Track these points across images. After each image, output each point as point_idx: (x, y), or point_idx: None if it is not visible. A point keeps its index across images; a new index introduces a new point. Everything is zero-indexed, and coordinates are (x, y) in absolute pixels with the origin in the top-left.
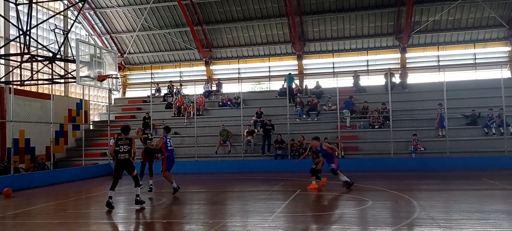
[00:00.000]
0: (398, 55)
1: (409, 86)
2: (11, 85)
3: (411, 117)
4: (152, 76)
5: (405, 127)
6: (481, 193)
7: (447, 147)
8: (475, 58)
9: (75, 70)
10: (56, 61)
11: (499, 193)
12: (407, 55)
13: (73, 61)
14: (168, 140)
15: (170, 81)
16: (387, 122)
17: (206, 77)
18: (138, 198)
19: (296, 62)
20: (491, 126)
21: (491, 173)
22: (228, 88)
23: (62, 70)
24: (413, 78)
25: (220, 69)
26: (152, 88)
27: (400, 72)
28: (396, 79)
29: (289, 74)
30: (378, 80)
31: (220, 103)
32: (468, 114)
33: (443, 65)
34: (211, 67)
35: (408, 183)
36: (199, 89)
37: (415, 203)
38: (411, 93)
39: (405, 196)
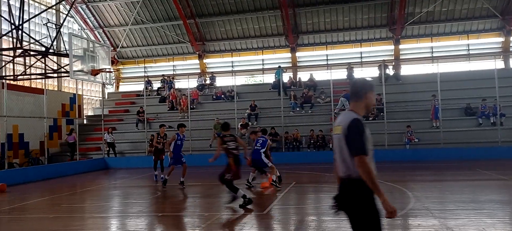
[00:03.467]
0: (392, 47)
1: (403, 78)
2: (4, 80)
3: (405, 108)
4: (146, 70)
5: (399, 118)
6: (476, 183)
7: (441, 138)
8: (468, 49)
9: (68, 64)
10: (49, 56)
11: (493, 183)
12: (400, 46)
13: (66, 55)
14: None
15: (163, 75)
16: (381, 113)
17: (199, 71)
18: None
19: (289, 55)
20: (485, 116)
21: (485, 164)
22: (221, 81)
23: (55, 65)
24: (406, 70)
25: (214, 62)
26: (145, 82)
27: (393, 63)
28: (390, 71)
29: (279, 67)
30: (372, 72)
31: (213, 96)
32: (462, 107)
33: (437, 57)
34: (204, 61)
35: (402, 174)
36: (193, 83)
37: (410, 194)
38: (405, 85)
39: (399, 187)
